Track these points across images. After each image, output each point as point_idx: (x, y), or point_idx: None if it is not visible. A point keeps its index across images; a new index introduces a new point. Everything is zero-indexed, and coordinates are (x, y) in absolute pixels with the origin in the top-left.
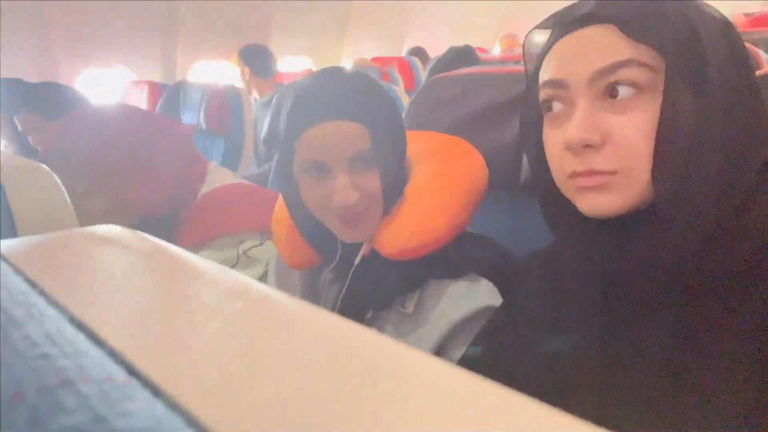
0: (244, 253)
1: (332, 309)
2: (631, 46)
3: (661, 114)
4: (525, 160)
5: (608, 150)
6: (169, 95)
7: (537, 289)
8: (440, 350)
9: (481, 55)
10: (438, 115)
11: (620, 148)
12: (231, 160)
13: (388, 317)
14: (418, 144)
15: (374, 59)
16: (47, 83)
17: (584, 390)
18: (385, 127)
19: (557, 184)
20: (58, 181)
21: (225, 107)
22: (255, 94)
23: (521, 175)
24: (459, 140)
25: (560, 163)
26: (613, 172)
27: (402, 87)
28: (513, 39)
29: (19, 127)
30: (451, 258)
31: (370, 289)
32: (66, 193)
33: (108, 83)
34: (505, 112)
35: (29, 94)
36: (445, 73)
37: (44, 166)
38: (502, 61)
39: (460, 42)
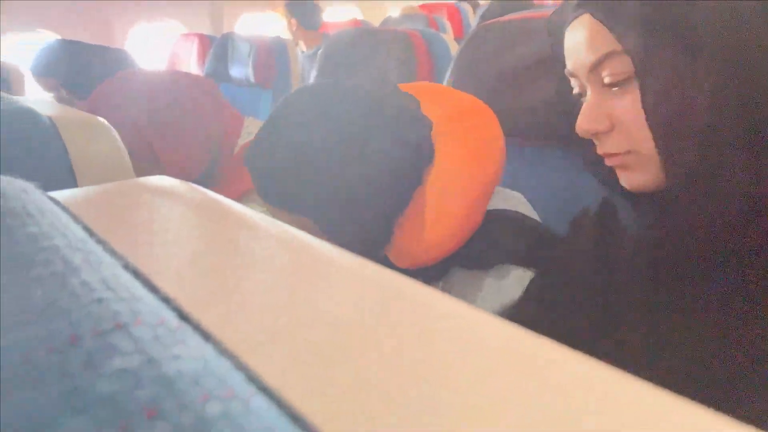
0: None
1: None
2: (611, 36)
3: (641, 98)
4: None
5: (616, 134)
6: (217, 48)
7: (582, 252)
8: None
9: None
10: (486, 66)
11: (625, 131)
12: None
13: None
14: (437, 111)
15: (422, 6)
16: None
17: (632, 351)
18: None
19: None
20: (116, 135)
21: (271, 60)
22: (302, 45)
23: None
24: (481, 111)
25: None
26: (627, 152)
27: (450, 34)
28: None
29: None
30: (476, 247)
31: None
32: (124, 148)
33: (159, 37)
34: (551, 62)
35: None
36: (494, 19)
37: (103, 120)
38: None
39: None
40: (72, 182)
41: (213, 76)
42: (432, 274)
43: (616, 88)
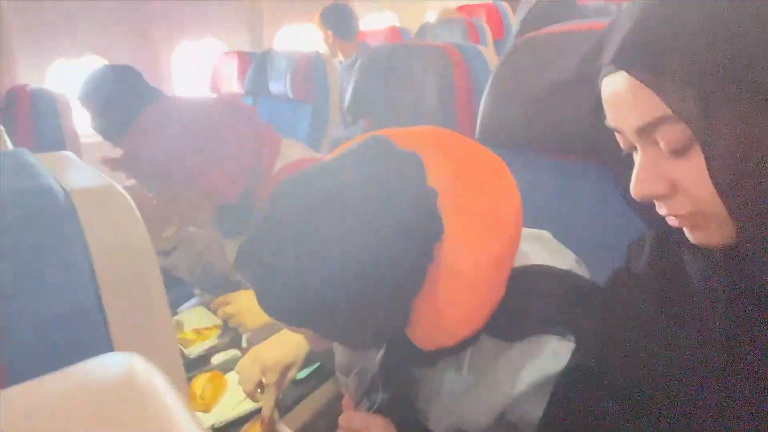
0: None
1: (375, 369)
2: (657, 99)
3: (707, 164)
4: None
5: (681, 197)
6: (257, 65)
7: (644, 289)
8: (506, 409)
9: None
10: (526, 82)
11: (690, 195)
12: (318, 128)
13: (443, 372)
14: (443, 172)
15: (460, 9)
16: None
17: (702, 395)
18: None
19: None
20: (133, 205)
21: (310, 74)
22: (339, 56)
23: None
24: (491, 166)
25: None
26: (693, 213)
27: (490, 38)
28: None
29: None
30: (505, 314)
31: (412, 352)
32: (140, 217)
33: (201, 56)
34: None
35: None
36: (535, 32)
37: (122, 191)
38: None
39: None
40: (86, 260)
41: (253, 92)
42: (460, 348)
43: (675, 151)
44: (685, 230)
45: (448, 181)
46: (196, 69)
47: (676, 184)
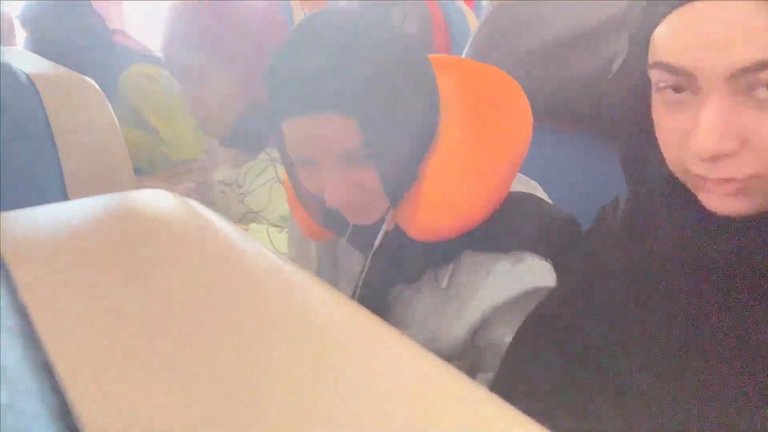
0: None
1: (354, 284)
2: None
3: None
4: (614, 98)
5: (746, 156)
6: None
7: (614, 254)
8: (482, 327)
9: None
10: (510, 44)
11: (760, 151)
12: None
13: (420, 289)
14: (449, 79)
15: None
16: None
17: (665, 366)
18: (383, 117)
19: (672, 168)
20: (104, 97)
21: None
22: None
23: (606, 114)
24: (500, 76)
25: (679, 156)
26: (753, 177)
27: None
28: None
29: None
30: (490, 229)
31: (395, 263)
32: (111, 111)
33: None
34: (587, 40)
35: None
36: None
37: (91, 81)
38: None
39: None
40: (51, 143)
41: None
42: (442, 256)
43: (757, 98)
44: (712, 199)
45: (452, 90)
46: (150, 2)
47: (748, 141)
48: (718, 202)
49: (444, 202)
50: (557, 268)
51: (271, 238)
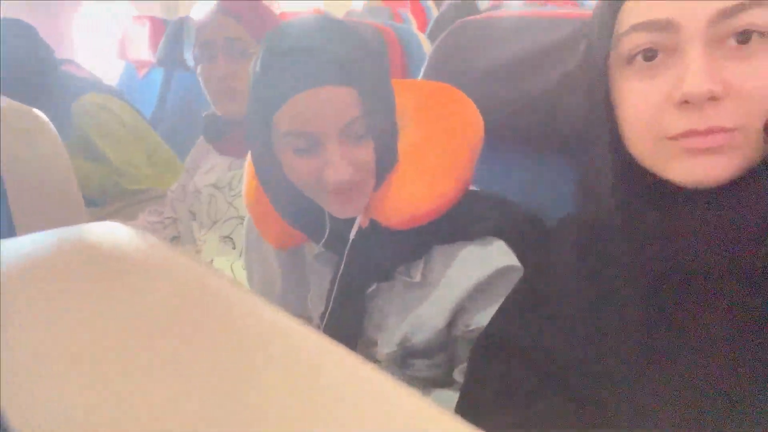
0: None
1: (330, 286)
2: None
3: None
4: (562, 116)
5: (729, 104)
6: (171, 33)
7: (572, 259)
8: (457, 314)
9: None
10: (467, 63)
11: (743, 100)
12: None
13: (393, 288)
14: (406, 97)
15: (385, 0)
16: None
17: (621, 374)
18: (376, 87)
19: (638, 149)
20: (54, 132)
21: None
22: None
23: (555, 132)
24: (449, 88)
25: (654, 123)
26: (734, 129)
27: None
28: None
29: None
30: (458, 221)
31: (370, 261)
32: (61, 144)
33: (107, 20)
34: (539, 60)
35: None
36: (472, 18)
37: (41, 115)
38: (529, 4)
39: None
40: None
41: (166, 63)
42: (413, 250)
43: (735, 46)
44: (692, 164)
45: (409, 104)
46: (101, 33)
47: (731, 86)
48: (696, 166)
49: (421, 186)
50: (518, 252)
51: (234, 272)
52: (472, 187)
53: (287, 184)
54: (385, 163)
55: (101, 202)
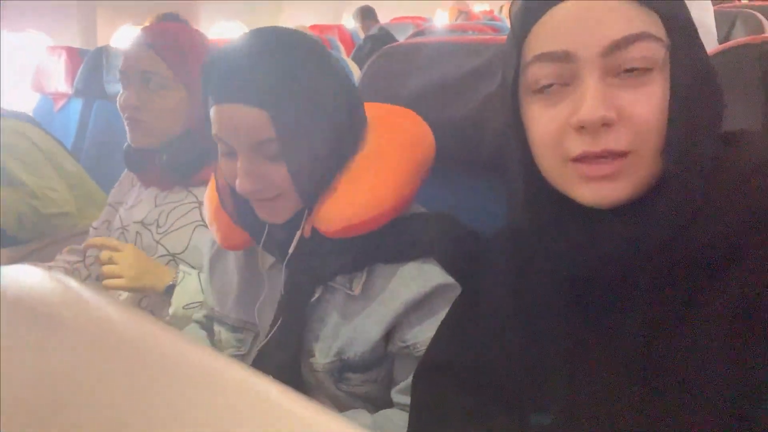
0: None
1: (280, 295)
2: (643, 16)
3: (672, 88)
4: (486, 138)
5: (622, 128)
6: (90, 62)
7: (502, 275)
8: (393, 329)
9: (423, 24)
10: (394, 88)
11: (634, 125)
12: None
13: (333, 299)
14: (369, 113)
15: (312, 27)
16: None
17: (553, 382)
18: (302, 112)
19: (546, 170)
20: None
21: None
22: None
23: (481, 153)
24: (405, 110)
25: (557, 147)
26: (626, 153)
27: (345, 56)
28: (462, 7)
29: None
30: (402, 240)
31: (311, 268)
32: None
33: (21, 50)
34: (462, 84)
35: None
36: (397, 43)
37: None
38: (451, 30)
39: (400, 11)
40: None
41: (84, 93)
42: (354, 262)
43: (625, 76)
44: (590, 188)
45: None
46: (15, 64)
47: (622, 112)
48: (594, 191)
49: (359, 197)
50: (456, 273)
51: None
52: (420, 208)
53: (227, 182)
54: (310, 188)
55: (21, 237)
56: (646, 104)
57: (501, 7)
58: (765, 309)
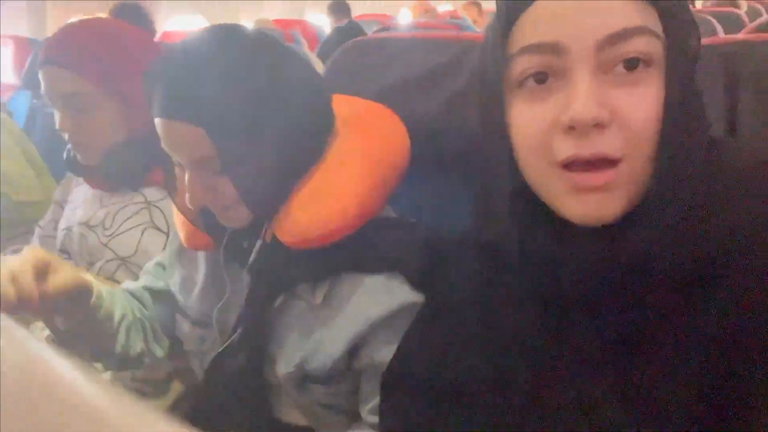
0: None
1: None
2: (642, 10)
3: (668, 89)
4: (451, 135)
5: (615, 130)
6: (39, 53)
7: (468, 286)
8: (359, 346)
9: (387, 22)
10: (360, 83)
11: (627, 128)
12: None
13: (297, 306)
14: (342, 110)
15: (276, 21)
16: None
17: (518, 393)
18: (247, 126)
19: (530, 177)
20: None
21: None
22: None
23: (445, 151)
24: (383, 110)
25: (543, 149)
26: (617, 161)
27: (307, 50)
28: (427, 7)
29: None
30: (367, 251)
31: (272, 274)
32: None
33: None
34: (430, 80)
35: None
36: (363, 37)
37: None
38: (416, 27)
39: (365, 8)
40: None
41: (33, 85)
42: (316, 271)
43: (619, 73)
44: (582, 202)
45: (343, 118)
46: None
47: (617, 113)
48: (585, 201)
49: (320, 208)
50: (424, 286)
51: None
52: (390, 212)
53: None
54: (260, 200)
55: None
56: (642, 105)
57: (462, 6)
58: (741, 333)
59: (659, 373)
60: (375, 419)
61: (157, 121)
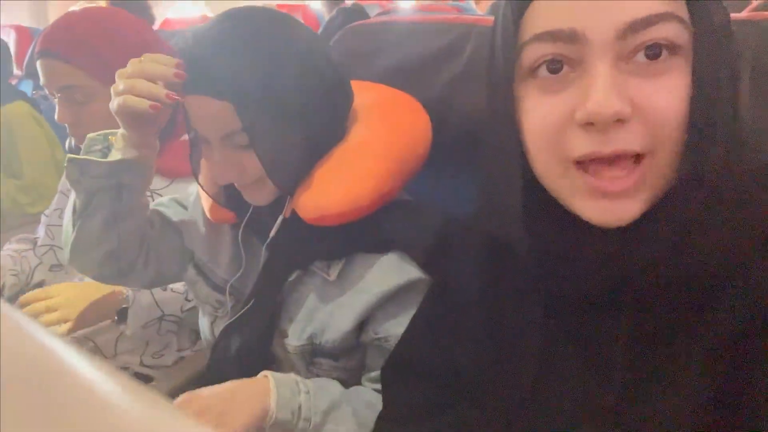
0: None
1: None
2: None
3: (696, 81)
4: (452, 120)
5: (636, 124)
6: None
7: (475, 275)
8: (367, 321)
9: (388, 5)
10: (357, 69)
11: (651, 122)
12: None
13: (311, 282)
14: (366, 96)
15: (278, 6)
16: None
17: (522, 383)
18: (271, 102)
19: (542, 174)
20: None
21: None
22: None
23: (446, 136)
24: (406, 97)
25: (557, 144)
26: (641, 157)
27: None
28: None
29: None
30: (381, 231)
31: (290, 249)
32: None
33: None
34: (429, 65)
35: None
36: (363, 21)
37: None
38: (417, 11)
39: None
40: None
41: (36, 75)
42: (333, 249)
43: (642, 62)
44: (598, 206)
45: (365, 104)
46: None
47: (638, 106)
48: (605, 206)
49: (339, 187)
50: (431, 268)
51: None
52: (406, 196)
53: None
54: (285, 176)
55: None
56: (667, 97)
57: None
58: (755, 333)
59: (668, 375)
60: (375, 386)
61: (191, 98)
